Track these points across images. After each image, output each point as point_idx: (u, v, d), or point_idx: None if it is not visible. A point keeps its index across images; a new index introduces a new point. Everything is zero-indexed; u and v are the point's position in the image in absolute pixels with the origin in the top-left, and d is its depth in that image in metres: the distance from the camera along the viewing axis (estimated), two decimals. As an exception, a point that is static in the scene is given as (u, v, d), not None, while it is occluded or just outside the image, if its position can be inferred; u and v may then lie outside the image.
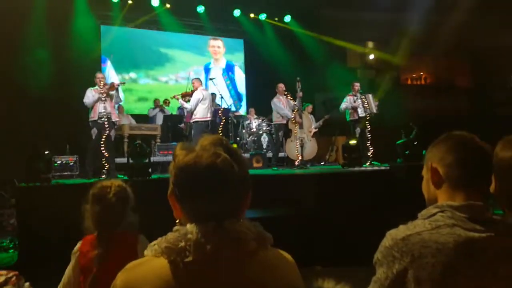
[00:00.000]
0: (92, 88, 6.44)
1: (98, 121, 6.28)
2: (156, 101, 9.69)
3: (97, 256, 1.89)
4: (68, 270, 1.93)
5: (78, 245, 1.98)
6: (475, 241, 1.08)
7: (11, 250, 4.97)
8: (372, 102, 7.78)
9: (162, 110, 9.46)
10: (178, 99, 8.09)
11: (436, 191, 1.22)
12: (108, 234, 1.96)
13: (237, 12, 10.84)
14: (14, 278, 2.40)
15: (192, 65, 11.14)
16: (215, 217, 0.92)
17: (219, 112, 8.26)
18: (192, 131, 7.67)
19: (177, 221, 0.99)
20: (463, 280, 1.06)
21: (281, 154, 8.20)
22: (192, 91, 7.53)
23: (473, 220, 1.11)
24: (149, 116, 9.41)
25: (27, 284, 2.46)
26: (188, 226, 0.92)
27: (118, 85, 6.81)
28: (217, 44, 11.35)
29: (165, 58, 10.93)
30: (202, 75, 10.79)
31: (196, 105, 7.23)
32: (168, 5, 10.07)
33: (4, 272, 2.44)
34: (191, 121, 7.50)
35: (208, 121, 7.37)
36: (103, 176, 6.06)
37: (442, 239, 1.08)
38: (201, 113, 7.25)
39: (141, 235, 2.05)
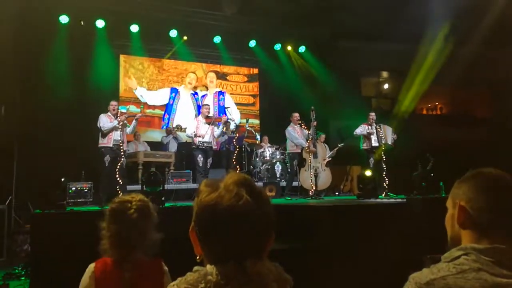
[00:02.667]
0: (104, 114, 6.54)
1: (113, 148, 6.35)
2: (167, 129, 9.80)
3: (125, 280, 1.68)
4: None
5: (93, 266, 1.77)
6: (502, 287, 1.03)
7: (23, 278, 4.96)
8: (389, 134, 7.72)
9: (175, 138, 9.55)
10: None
11: (460, 230, 1.18)
12: (129, 257, 1.72)
13: (252, 43, 11.06)
14: None
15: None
16: (235, 258, 0.90)
17: (234, 140, 8.30)
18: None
19: (197, 257, 0.98)
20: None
21: (294, 183, 8.13)
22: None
23: (500, 265, 1.07)
24: (163, 143, 9.49)
25: None
26: (208, 267, 0.90)
27: (138, 117, 6.92)
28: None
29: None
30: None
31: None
32: (185, 37, 10.32)
33: None
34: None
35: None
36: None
37: (468, 285, 1.04)
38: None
39: (162, 262, 1.84)
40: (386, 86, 12.92)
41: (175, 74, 10.99)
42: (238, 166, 7.55)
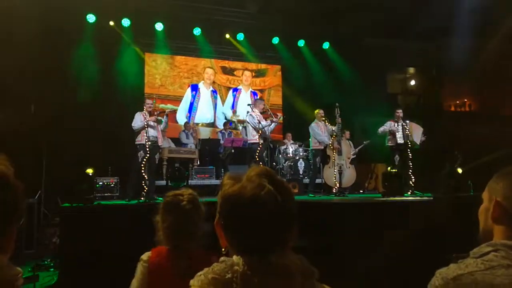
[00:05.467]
0: (140, 112, 6.65)
1: (146, 144, 6.45)
2: (187, 125, 9.82)
3: (180, 268, 1.72)
4: (136, 281, 1.80)
5: (148, 255, 1.84)
6: None
7: (52, 269, 5.11)
8: (419, 134, 7.52)
9: (192, 134, 9.51)
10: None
11: (493, 225, 1.15)
12: (184, 246, 1.80)
13: (275, 40, 11.03)
14: None
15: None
16: (260, 248, 0.91)
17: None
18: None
19: (223, 249, 0.99)
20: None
21: (317, 181, 8.07)
22: None
23: None
24: (181, 141, 9.46)
25: None
26: (235, 257, 0.91)
27: (167, 113, 7.01)
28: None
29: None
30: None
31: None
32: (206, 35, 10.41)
33: None
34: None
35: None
36: (142, 198, 6.19)
37: (497, 281, 1.01)
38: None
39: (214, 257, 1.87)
40: (412, 82, 12.66)
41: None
42: (261, 163, 7.54)
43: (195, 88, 11.00)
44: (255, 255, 0.90)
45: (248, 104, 7.96)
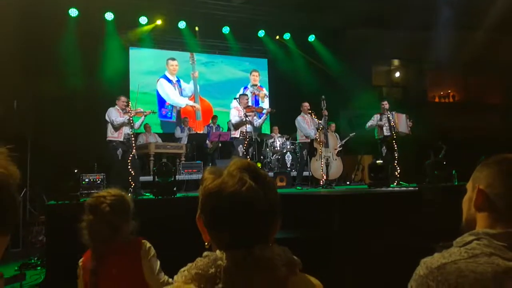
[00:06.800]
0: (113, 108, 6.56)
1: (124, 141, 6.40)
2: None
3: (91, 271, 1.81)
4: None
5: (80, 261, 1.91)
6: None
7: (39, 267, 5.06)
8: (404, 122, 7.63)
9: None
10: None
11: (476, 213, 1.17)
12: (104, 247, 1.84)
13: (261, 33, 11.00)
14: None
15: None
16: (242, 243, 0.90)
17: (243, 131, 8.28)
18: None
19: (206, 244, 0.99)
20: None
21: (305, 173, 8.12)
22: None
23: None
24: (176, 137, 9.45)
25: None
26: (218, 252, 0.91)
27: (146, 114, 6.92)
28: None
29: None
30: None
31: None
32: (196, 28, 10.31)
33: None
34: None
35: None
36: (129, 194, 6.14)
37: (479, 269, 1.03)
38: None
39: (144, 240, 1.93)
40: (397, 74, 12.77)
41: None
42: (248, 157, 7.55)
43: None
44: (239, 249, 0.89)
45: (235, 98, 7.97)
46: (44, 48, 8.20)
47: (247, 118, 7.41)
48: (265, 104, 11.60)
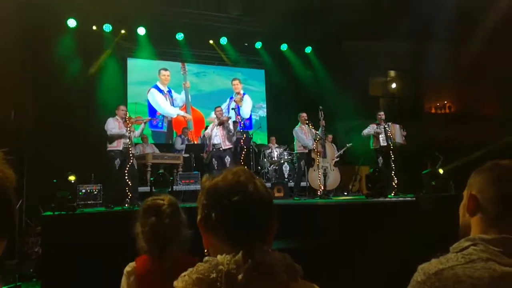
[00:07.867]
0: (112, 118, 6.58)
1: (122, 151, 6.40)
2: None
3: (164, 274, 1.72)
4: None
5: (132, 265, 1.82)
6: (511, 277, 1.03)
7: (34, 279, 5.00)
8: (399, 132, 7.67)
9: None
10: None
11: (470, 218, 1.19)
12: (165, 253, 1.78)
13: (258, 44, 11.08)
14: None
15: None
16: (243, 241, 0.92)
17: (241, 141, 8.30)
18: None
19: (205, 251, 1.00)
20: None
21: (303, 184, 8.11)
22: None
23: (508, 254, 1.07)
24: (176, 148, 9.44)
25: None
26: (219, 257, 0.91)
27: (146, 121, 6.95)
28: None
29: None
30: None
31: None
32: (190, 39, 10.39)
33: None
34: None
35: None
36: (126, 205, 6.12)
37: (476, 274, 1.04)
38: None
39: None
40: (393, 85, 12.86)
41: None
42: (246, 167, 7.56)
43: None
44: (239, 253, 0.90)
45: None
46: (43, 58, 8.22)
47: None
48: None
